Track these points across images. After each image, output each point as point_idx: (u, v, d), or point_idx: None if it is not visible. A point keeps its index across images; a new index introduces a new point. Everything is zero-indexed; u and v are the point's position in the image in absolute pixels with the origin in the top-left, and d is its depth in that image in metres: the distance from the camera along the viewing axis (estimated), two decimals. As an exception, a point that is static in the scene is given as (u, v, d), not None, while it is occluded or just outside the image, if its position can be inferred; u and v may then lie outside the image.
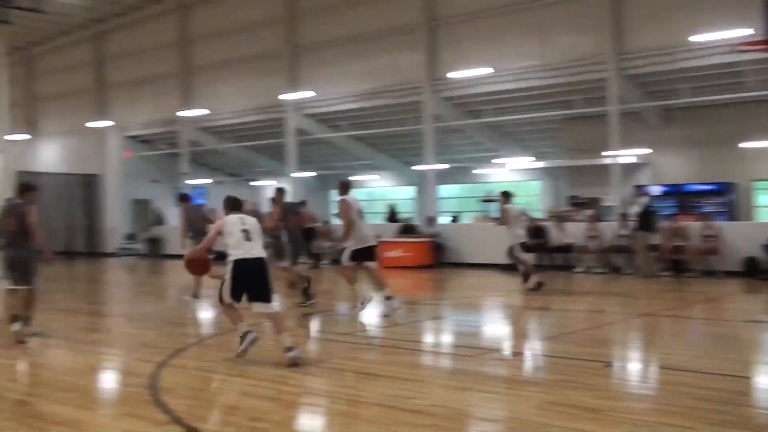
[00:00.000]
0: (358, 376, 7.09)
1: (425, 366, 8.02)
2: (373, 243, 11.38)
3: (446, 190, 32.11)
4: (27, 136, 35.74)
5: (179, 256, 17.84)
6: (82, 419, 5.69)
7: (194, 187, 31.87)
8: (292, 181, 27.84)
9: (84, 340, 9.51)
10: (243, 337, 7.89)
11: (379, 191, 37.24)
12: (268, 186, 36.90)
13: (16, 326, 9.38)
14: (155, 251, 28.30)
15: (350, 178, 35.39)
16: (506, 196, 14.38)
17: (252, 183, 36.89)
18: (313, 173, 33.88)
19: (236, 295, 7.74)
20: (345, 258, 11.23)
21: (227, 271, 7.78)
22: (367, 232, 11.31)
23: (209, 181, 34.69)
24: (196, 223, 14.32)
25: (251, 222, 8.11)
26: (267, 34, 27.85)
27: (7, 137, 27.67)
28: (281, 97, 26.81)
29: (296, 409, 6.17)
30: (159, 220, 30.64)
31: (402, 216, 26.74)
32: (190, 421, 5.58)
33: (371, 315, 11.71)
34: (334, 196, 37.60)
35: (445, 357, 8.52)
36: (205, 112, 29.43)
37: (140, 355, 8.29)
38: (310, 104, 27.18)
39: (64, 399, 6.32)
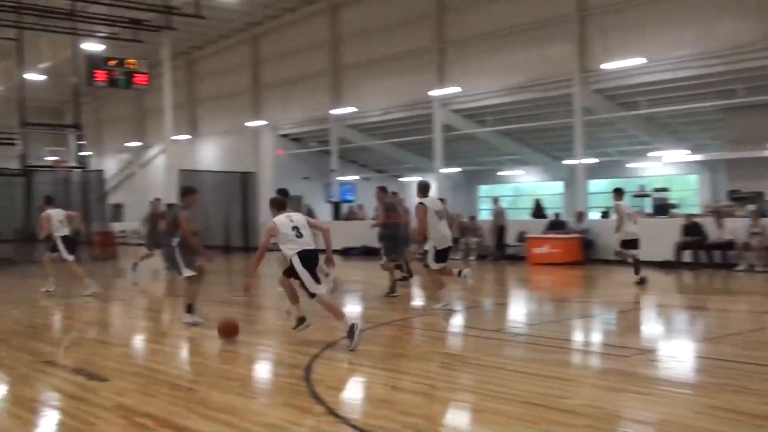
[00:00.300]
0: (506, 372, 7.04)
1: (575, 365, 7.86)
2: (450, 244, 11.61)
3: (596, 184, 31.26)
4: (188, 136, 37.76)
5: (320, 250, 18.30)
6: (242, 407, 5.97)
7: (342, 183, 32.62)
8: (438, 177, 27.94)
9: (242, 331, 9.91)
10: (300, 322, 9.11)
11: (526, 186, 36.73)
12: (414, 182, 37.27)
13: (190, 317, 9.83)
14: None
15: (495, 170, 35.27)
16: (618, 193, 15.07)
17: (399, 179, 37.32)
18: (459, 169, 33.86)
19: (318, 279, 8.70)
20: (430, 261, 11.45)
21: (296, 265, 8.61)
22: (447, 232, 11.50)
23: (356, 177, 35.37)
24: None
25: (298, 218, 8.90)
26: (415, 31, 28.07)
27: (171, 137, 29.37)
28: (429, 93, 26.96)
29: (445, 404, 6.21)
30: (310, 216, 31.62)
31: (549, 211, 26.22)
32: (343, 413, 5.74)
33: (518, 312, 11.58)
34: (481, 191, 37.62)
35: (595, 356, 8.32)
36: (353, 109, 30.04)
37: (294, 347, 8.57)
38: (457, 100, 27.17)
39: (225, 387, 6.65)
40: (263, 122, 34.07)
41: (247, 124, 34.45)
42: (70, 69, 27.09)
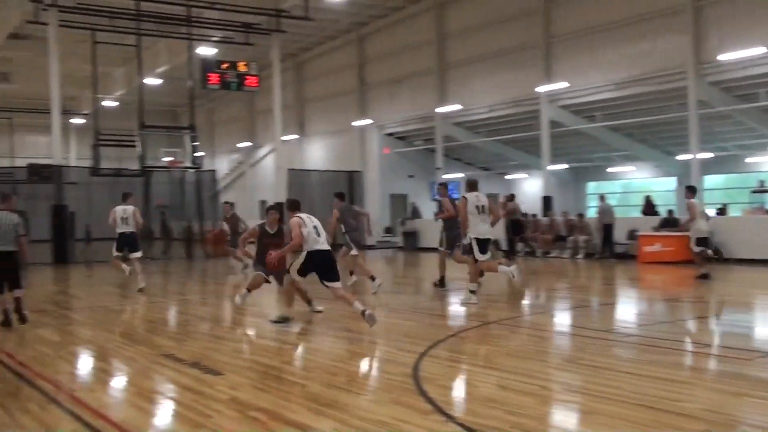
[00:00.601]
0: (618, 374, 6.86)
1: (690, 367, 7.58)
2: (489, 236, 12.40)
3: (711, 180, 30.07)
4: (296, 137, 38.48)
5: (435, 249, 18.29)
6: (351, 403, 6.03)
7: (448, 181, 32.56)
8: (544, 174, 27.49)
9: (349, 328, 10.03)
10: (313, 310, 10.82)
11: (637, 183, 35.70)
12: (520, 179, 36.76)
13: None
14: (412, 244, 29.25)
15: (603, 167, 34.40)
16: (691, 191, 15.27)
17: (506, 176, 36.94)
18: (566, 165, 33.22)
19: (303, 275, 9.98)
20: (475, 251, 12.21)
21: (300, 259, 9.87)
22: (484, 227, 12.30)
23: (461, 175, 35.22)
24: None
25: (316, 220, 10.12)
26: (521, 26, 27.72)
27: (280, 138, 30.01)
28: (536, 89, 26.57)
29: (555, 405, 6.10)
30: (415, 214, 31.61)
31: (661, 209, 25.41)
32: (451, 412, 5.72)
33: (629, 312, 11.25)
34: (589, 188, 36.79)
35: (712, 359, 7.98)
36: (458, 107, 29.93)
37: (401, 345, 8.60)
38: (565, 95, 26.67)
39: (334, 383, 6.74)
40: (369, 121, 34.36)
41: (353, 123, 34.83)
42: (186, 73, 28.04)
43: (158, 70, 34.00)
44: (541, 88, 26.43)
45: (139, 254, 15.56)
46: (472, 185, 12.70)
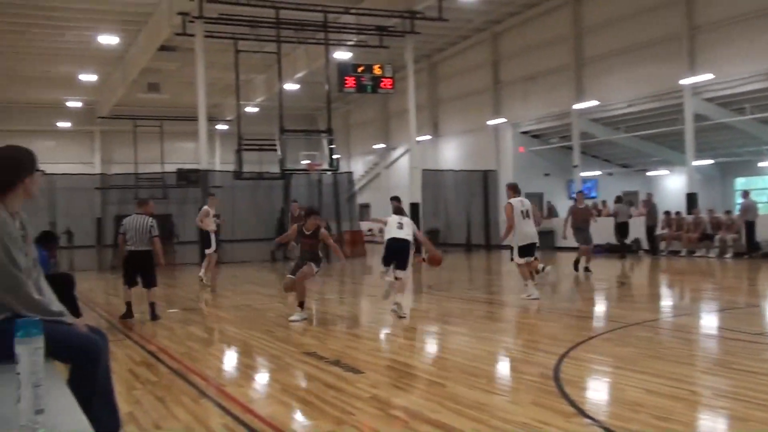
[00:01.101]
0: (774, 381, 6.48)
1: None
2: (534, 240, 13.15)
3: None
4: (429, 137, 38.57)
5: (571, 248, 17.85)
6: (491, 404, 5.99)
7: (584, 179, 31.75)
8: (689, 170, 26.36)
9: (485, 328, 9.98)
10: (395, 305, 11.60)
11: (791, 178, 33.67)
12: (662, 176, 35.42)
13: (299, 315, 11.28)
14: (548, 243, 28.70)
15: (753, 162, 32.63)
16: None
17: (647, 173, 35.66)
18: (712, 161, 31.72)
19: (386, 262, 11.68)
20: (515, 256, 13.14)
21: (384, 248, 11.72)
22: (530, 230, 13.06)
23: (599, 173, 34.29)
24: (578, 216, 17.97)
25: (407, 220, 11.89)
26: (662, 18, 26.68)
27: (415, 138, 30.17)
28: (678, 82, 25.52)
29: (706, 411, 5.83)
30: (551, 213, 30.98)
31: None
32: (594, 415, 5.57)
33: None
34: (737, 184, 34.94)
35: None
36: (595, 103, 29.14)
37: (540, 346, 8.48)
38: (710, 87, 25.46)
39: (473, 383, 6.71)
40: (503, 120, 34.01)
41: (487, 122, 34.58)
42: (323, 77, 28.66)
43: (296, 76, 34.95)
44: (685, 81, 25.34)
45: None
46: (515, 189, 13.46)
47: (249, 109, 39.90)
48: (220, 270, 20.41)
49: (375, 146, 45.75)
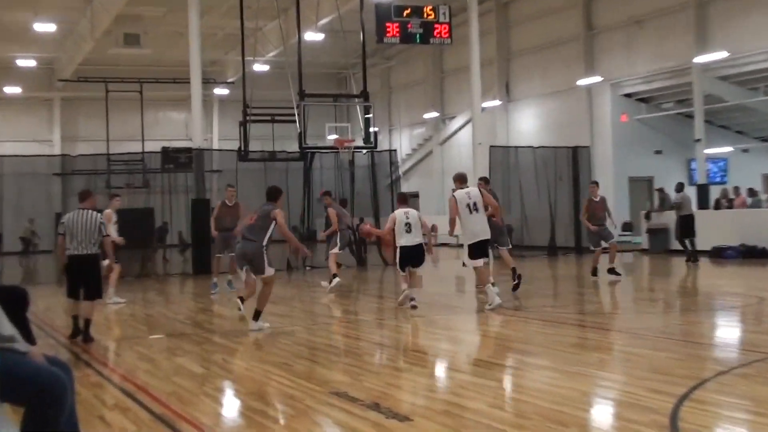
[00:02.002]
0: None
1: None
2: (483, 238, 14.71)
3: None
4: (499, 103, 38.41)
5: (677, 251, 17.60)
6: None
7: (710, 158, 31.35)
8: None
9: (576, 360, 9.87)
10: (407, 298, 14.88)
11: None
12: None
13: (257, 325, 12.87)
14: (660, 245, 28.39)
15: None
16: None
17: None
18: None
19: (402, 267, 15.12)
20: (466, 259, 14.86)
21: (396, 255, 15.19)
22: (478, 227, 14.64)
23: (729, 149, 33.79)
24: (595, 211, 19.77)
25: (413, 216, 15.15)
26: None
27: (479, 105, 30.02)
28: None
29: None
30: (664, 204, 30.53)
31: None
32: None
33: None
34: None
35: None
36: (724, 54, 28.71)
37: (651, 384, 8.35)
38: None
39: (560, 435, 6.63)
40: (598, 79, 33.72)
41: (577, 82, 34.32)
42: (356, 24, 28.54)
43: (321, 23, 34.91)
44: None
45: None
46: (462, 180, 15.33)
47: (258, 68, 40.07)
48: (223, 279, 20.56)
49: (426, 116, 45.73)
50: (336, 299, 18.03)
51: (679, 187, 25.29)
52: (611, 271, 19.40)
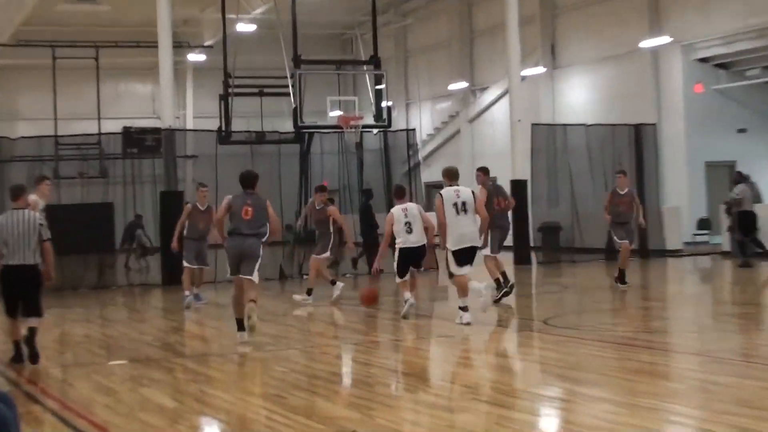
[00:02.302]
0: None
1: None
2: (471, 244, 15.43)
3: None
4: (542, 70, 38.34)
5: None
6: None
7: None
8: None
9: (638, 389, 9.86)
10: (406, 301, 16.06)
11: None
12: None
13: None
14: (748, 248, 28.18)
15: None
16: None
17: None
18: None
19: (402, 272, 16.18)
20: (450, 264, 15.40)
21: (395, 257, 16.30)
22: (465, 230, 15.35)
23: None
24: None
25: (413, 213, 16.30)
26: None
27: (517, 73, 29.96)
28: None
29: None
30: (759, 197, 30.26)
31: None
32: None
33: None
34: None
35: None
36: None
37: (735, 420, 8.34)
38: None
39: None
40: (667, 39, 33.63)
41: (640, 44, 34.25)
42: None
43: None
44: None
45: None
46: (451, 176, 15.90)
47: (242, 28, 40.02)
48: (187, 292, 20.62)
49: (452, 87, 45.66)
50: (340, 315, 18.06)
51: (739, 178, 25.24)
52: (619, 279, 20.20)
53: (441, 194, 15.60)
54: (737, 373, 10.88)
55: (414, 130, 33.87)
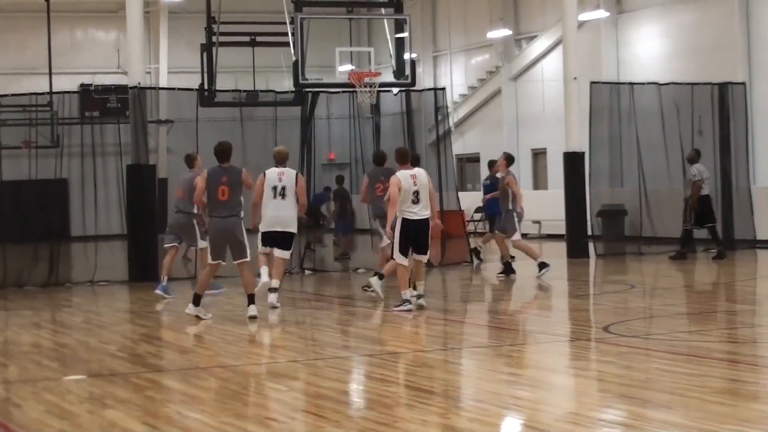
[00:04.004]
0: None
1: None
2: (276, 229, 18.03)
3: None
4: (605, 14, 38.27)
5: None
6: None
7: None
8: None
9: (721, 413, 9.89)
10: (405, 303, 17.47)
11: None
12: None
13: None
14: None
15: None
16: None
17: None
18: None
19: (404, 250, 17.35)
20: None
21: (396, 230, 17.30)
22: (273, 213, 17.79)
23: None
24: None
25: (422, 181, 17.18)
26: None
27: (573, 18, 29.94)
28: None
29: None
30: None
31: None
32: None
33: None
34: None
35: None
36: None
37: None
38: None
39: None
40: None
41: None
42: None
43: None
44: None
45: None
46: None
47: (228, -38, 40.10)
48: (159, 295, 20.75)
49: (491, 35, 45.64)
50: (352, 321, 18.14)
51: (694, 156, 25.23)
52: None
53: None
54: None
55: (444, 89, 33.77)
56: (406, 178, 17.29)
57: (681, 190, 29.88)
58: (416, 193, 17.17)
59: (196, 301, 17.30)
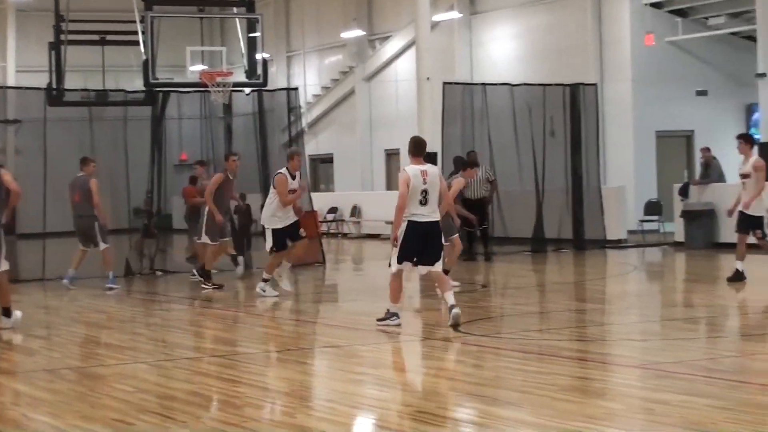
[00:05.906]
0: None
1: None
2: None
3: None
4: (457, 15, 38.51)
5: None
6: None
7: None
8: None
9: (569, 410, 10.02)
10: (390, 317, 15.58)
11: None
12: None
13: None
14: (702, 237, 28.52)
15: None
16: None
17: None
18: None
19: (406, 257, 15.42)
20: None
21: (400, 233, 15.32)
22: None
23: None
24: None
25: (433, 180, 15.35)
26: None
27: (426, 18, 30.12)
28: None
29: None
30: (708, 172, 30.71)
31: None
32: None
33: None
34: None
35: None
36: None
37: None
38: None
39: None
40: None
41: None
42: None
43: None
44: None
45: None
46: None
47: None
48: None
49: (344, 35, 45.71)
50: (203, 322, 18.11)
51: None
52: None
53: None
54: (687, 389, 11.05)
55: (296, 89, 33.79)
56: (416, 174, 15.25)
57: (533, 191, 30.24)
58: (425, 193, 15.15)
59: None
